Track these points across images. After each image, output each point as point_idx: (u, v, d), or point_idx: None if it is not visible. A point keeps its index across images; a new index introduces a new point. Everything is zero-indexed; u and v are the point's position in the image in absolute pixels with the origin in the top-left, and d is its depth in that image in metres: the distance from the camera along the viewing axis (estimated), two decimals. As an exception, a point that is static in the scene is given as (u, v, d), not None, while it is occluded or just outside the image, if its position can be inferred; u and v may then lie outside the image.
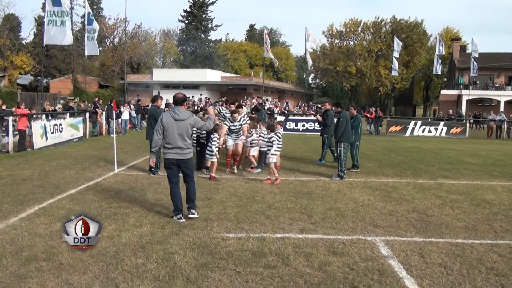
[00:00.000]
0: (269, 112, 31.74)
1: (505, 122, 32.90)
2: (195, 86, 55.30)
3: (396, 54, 40.66)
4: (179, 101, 7.82)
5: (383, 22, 66.98)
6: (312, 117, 29.65)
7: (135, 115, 29.94)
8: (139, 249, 6.00)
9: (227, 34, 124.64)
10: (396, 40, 41.44)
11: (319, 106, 40.08)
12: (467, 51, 52.88)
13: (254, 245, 6.28)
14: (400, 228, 7.39)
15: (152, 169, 11.66)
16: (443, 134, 31.44)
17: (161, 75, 59.14)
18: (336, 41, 69.55)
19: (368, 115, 31.90)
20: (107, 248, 5.96)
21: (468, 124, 33.42)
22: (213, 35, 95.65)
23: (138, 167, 12.89)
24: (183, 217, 7.51)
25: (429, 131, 31.63)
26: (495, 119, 33.24)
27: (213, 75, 59.77)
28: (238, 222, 7.44)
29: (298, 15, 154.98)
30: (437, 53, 39.96)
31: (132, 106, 29.80)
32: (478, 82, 52.37)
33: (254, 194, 9.54)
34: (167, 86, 55.67)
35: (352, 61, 66.25)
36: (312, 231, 7.09)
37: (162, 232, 6.74)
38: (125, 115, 26.12)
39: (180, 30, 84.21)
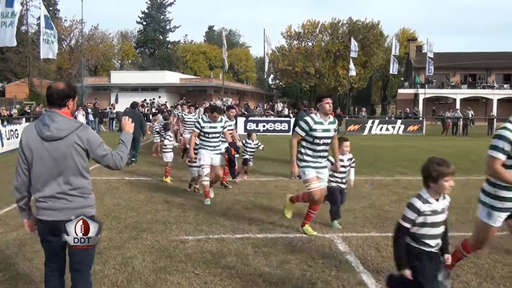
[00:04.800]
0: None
1: (461, 119, 33.95)
2: (154, 88, 54.66)
3: (353, 54, 41.31)
4: (54, 97, 3.61)
5: (340, 23, 67.80)
6: (272, 117, 29.76)
7: (93, 119, 29.44)
8: (97, 255, 5.83)
9: (186, 35, 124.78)
10: (353, 41, 42.11)
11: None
12: (423, 51, 54.19)
13: (213, 247, 6.28)
14: (358, 224, 7.53)
15: None
16: (400, 132, 32.21)
17: (119, 77, 58.17)
18: (295, 42, 70.00)
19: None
20: (63, 255, 5.83)
21: (424, 122, 34.32)
22: (171, 37, 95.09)
23: (96, 172, 12.65)
24: None
25: (387, 129, 32.37)
26: (451, 117, 34.24)
27: (172, 77, 59.24)
28: (197, 224, 7.40)
29: (257, 16, 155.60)
30: (393, 53, 40.83)
31: (89, 110, 29.31)
32: (434, 81, 53.77)
33: (214, 196, 9.51)
34: (125, 89, 54.85)
35: (311, 62, 66.73)
36: (271, 230, 7.13)
37: (120, 237, 6.65)
38: (80, 119, 25.63)
39: (138, 31, 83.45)
